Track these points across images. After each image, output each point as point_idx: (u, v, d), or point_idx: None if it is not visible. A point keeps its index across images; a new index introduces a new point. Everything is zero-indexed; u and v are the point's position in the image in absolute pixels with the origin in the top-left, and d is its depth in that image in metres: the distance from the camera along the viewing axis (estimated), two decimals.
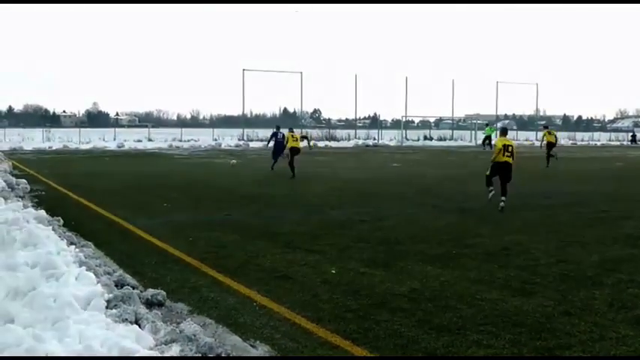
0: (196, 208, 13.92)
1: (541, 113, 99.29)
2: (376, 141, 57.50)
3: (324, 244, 9.67)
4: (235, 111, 77.87)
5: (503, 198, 13.86)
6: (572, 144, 59.50)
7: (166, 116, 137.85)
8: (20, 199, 13.14)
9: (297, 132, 27.75)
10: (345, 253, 9.05)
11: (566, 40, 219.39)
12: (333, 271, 7.96)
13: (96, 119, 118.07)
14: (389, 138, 60.89)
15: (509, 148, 14.44)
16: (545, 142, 29.55)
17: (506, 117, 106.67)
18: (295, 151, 22.85)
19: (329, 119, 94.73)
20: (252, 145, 49.12)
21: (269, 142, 28.00)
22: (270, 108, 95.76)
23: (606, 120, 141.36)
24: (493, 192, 14.30)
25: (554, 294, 6.97)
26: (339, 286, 7.28)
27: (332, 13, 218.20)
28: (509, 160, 14.35)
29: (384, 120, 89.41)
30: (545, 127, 33.15)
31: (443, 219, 12.48)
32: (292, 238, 10.18)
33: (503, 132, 15.88)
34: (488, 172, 14.66)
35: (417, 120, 77.92)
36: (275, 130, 26.92)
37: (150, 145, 48.87)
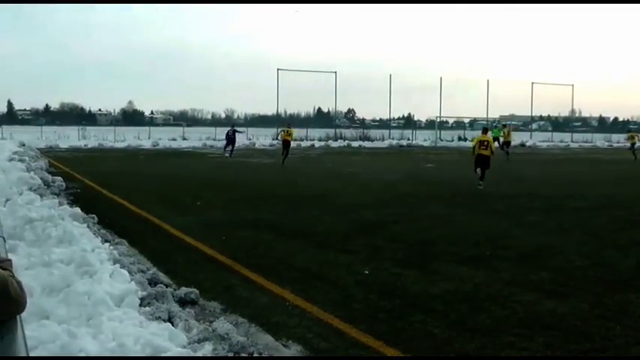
0: (229, 207, 13.96)
1: (577, 114, 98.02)
2: (410, 141, 57.30)
3: (357, 245, 9.65)
4: (270, 110, 77.96)
5: (480, 182, 18.23)
6: (608, 146, 58.71)
7: (201, 115, 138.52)
8: (56, 197, 13.29)
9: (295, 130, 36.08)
10: (378, 254, 9.02)
11: (603, 39, 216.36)
12: (366, 272, 7.94)
13: (131, 118, 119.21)
14: (423, 138, 60.62)
15: (485, 143, 18.91)
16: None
17: (541, 118, 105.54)
18: (286, 143, 29.51)
19: (363, 119, 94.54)
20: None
21: (226, 139, 35.35)
22: (305, 107, 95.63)
23: None
24: (480, 183, 18.21)
25: (589, 297, 6.88)
26: (372, 287, 7.26)
27: (366, 13, 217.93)
28: (486, 152, 18.72)
29: (418, 120, 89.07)
30: (504, 126, 39.20)
31: (476, 220, 12.38)
32: (325, 238, 10.18)
33: (484, 130, 20.43)
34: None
35: (451, 120, 77.44)
36: (229, 128, 35.72)
37: (184, 144, 49.25)
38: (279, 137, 35.08)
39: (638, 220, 12.63)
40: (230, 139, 34.47)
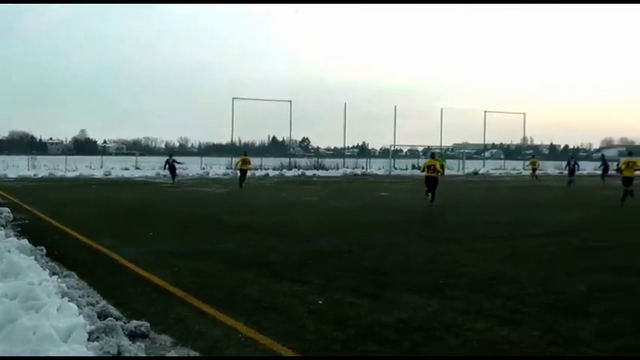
0: (182, 237, 13.82)
1: (528, 142, 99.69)
2: (364, 170, 57.60)
3: (311, 274, 9.60)
4: (224, 139, 77.72)
5: (431, 199, 21.74)
6: (558, 173, 59.68)
7: (154, 144, 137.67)
8: (2, 228, 13.00)
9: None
10: (332, 283, 8.98)
11: (554, 69, 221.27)
12: (320, 302, 7.88)
13: (83, 147, 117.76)
14: (377, 167, 61.01)
15: (432, 167, 22.60)
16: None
17: (494, 146, 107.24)
18: (243, 171, 33.15)
19: (317, 148, 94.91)
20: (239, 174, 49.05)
21: (164, 167, 38.58)
22: (259, 136, 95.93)
23: (592, 149, 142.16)
24: (431, 203, 21.40)
25: (542, 324, 6.93)
26: (325, 317, 7.21)
27: (320, 42, 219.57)
28: (433, 174, 22.43)
29: (373, 149, 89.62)
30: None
31: (430, 248, 12.44)
32: (279, 268, 10.11)
33: (432, 155, 24.46)
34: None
35: (405, 149, 78.26)
36: (168, 157, 38.21)
37: (137, 174, 48.69)
38: (236, 166, 36.43)
39: (588, 247, 12.82)
40: (171, 167, 36.87)
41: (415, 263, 10.72)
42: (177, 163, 38.51)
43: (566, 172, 42.40)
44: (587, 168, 60.34)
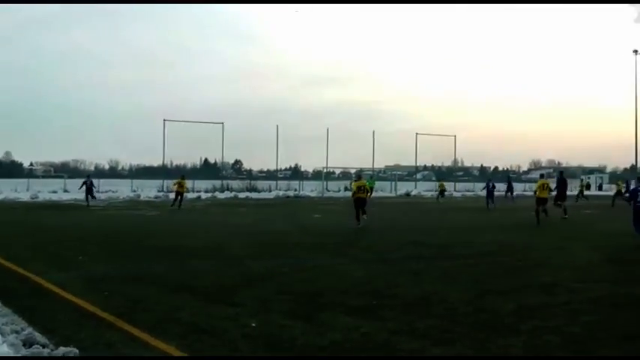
0: (113, 260, 13.55)
1: (459, 164, 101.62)
2: (297, 192, 57.66)
3: (244, 297, 9.53)
4: (156, 161, 76.73)
5: (360, 221, 22.19)
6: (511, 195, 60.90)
7: (83, 166, 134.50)
8: None
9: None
10: (265, 306, 8.93)
11: (485, 92, 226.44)
12: (254, 324, 7.82)
13: (8, 169, 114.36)
14: (310, 189, 61.15)
15: (362, 187, 23.60)
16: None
17: (425, 168, 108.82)
18: (178, 193, 35.53)
19: (250, 170, 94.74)
20: (173, 196, 48.47)
21: (80, 187, 39.82)
22: (191, 158, 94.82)
23: (521, 171, 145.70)
24: (361, 222, 22.00)
25: (474, 342, 7.02)
26: (259, 340, 7.16)
27: (251, 63, 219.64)
28: (362, 195, 23.24)
29: (306, 171, 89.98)
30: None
31: (363, 269, 12.50)
32: (212, 291, 10.01)
33: (358, 177, 26.81)
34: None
35: (337, 171, 78.68)
36: (85, 178, 39.96)
37: (65, 197, 47.57)
38: (173, 187, 38.23)
39: (518, 266, 13.09)
40: (89, 189, 38.49)
41: (348, 284, 10.75)
42: (93, 186, 39.92)
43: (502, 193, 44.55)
44: (517, 189, 61.68)
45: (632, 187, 27.32)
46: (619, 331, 7.58)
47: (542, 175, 30.16)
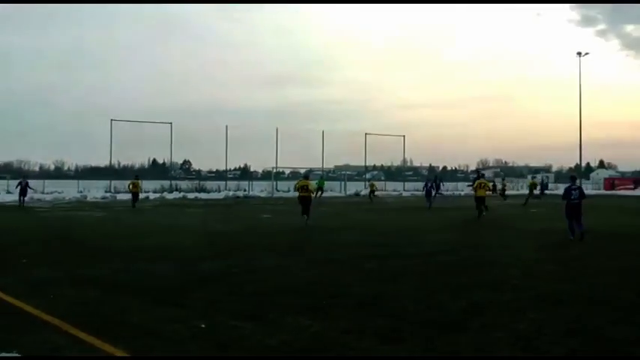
0: (58, 263, 13.27)
1: (408, 164, 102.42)
2: (247, 192, 57.41)
3: (193, 298, 9.44)
4: (102, 161, 75.48)
5: (307, 218, 22.76)
6: (438, 194, 61.53)
7: (27, 167, 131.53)
8: None
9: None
10: (214, 307, 8.85)
11: (432, 93, 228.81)
12: (203, 326, 7.75)
13: None
14: (259, 189, 60.95)
15: (305, 187, 23.99)
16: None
17: (374, 168, 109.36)
18: (135, 193, 37.86)
19: (199, 170, 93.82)
20: (120, 197, 47.87)
21: (16, 187, 39.84)
22: (139, 159, 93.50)
23: (469, 170, 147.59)
24: (309, 222, 22.48)
25: (423, 340, 7.08)
26: (208, 341, 7.09)
27: (200, 63, 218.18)
28: (306, 194, 23.74)
29: (255, 171, 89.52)
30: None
31: (313, 269, 12.50)
32: (161, 293, 9.89)
33: (305, 176, 26.65)
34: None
35: (287, 171, 78.57)
36: (21, 179, 39.73)
37: (8, 198, 46.36)
38: (129, 188, 39.08)
39: (466, 265, 13.23)
40: (23, 189, 38.24)
41: (298, 284, 10.73)
42: (30, 188, 39.89)
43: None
44: (465, 189, 62.54)
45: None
46: (563, 327, 7.71)
47: (479, 175, 32.26)
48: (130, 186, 38.97)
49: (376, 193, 50.62)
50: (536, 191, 49.55)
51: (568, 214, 18.50)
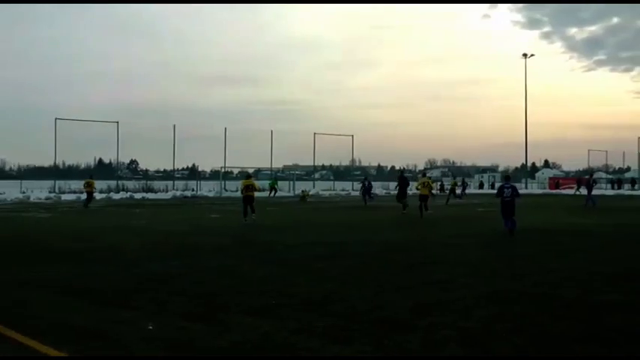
0: (2, 265, 12.97)
1: (357, 164, 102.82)
2: (195, 192, 56.95)
3: (141, 300, 9.32)
4: (47, 161, 74.06)
5: (254, 216, 24.07)
6: (385, 193, 61.89)
7: None
8: None
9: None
10: (163, 308, 8.76)
11: (380, 94, 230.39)
12: (151, 327, 7.65)
13: None
14: (208, 189, 60.54)
15: (250, 187, 24.94)
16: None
17: (323, 167, 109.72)
18: (89, 193, 38.13)
19: (146, 170, 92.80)
20: (65, 197, 47.04)
21: None
22: (85, 158, 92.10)
23: (417, 170, 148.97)
24: (248, 220, 23.49)
25: (372, 340, 7.10)
26: (156, 342, 7.01)
27: (145, 59, 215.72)
28: (251, 193, 24.71)
29: (203, 171, 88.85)
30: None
31: (262, 269, 12.44)
32: (106, 295, 9.73)
33: (248, 177, 26.60)
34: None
35: (235, 171, 78.11)
36: None
37: None
38: (84, 188, 39.69)
39: (414, 264, 13.32)
40: None
41: (248, 285, 10.67)
42: None
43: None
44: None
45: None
46: (510, 325, 7.82)
47: (423, 174, 35.42)
48: (85, 185, 39.16)
49: (308, 199, 49.17)
50: (458, 191, 51.74)
51: (502, 212, 19.70)
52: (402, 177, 32.82)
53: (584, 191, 45.37)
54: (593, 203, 37.44)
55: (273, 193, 54.05)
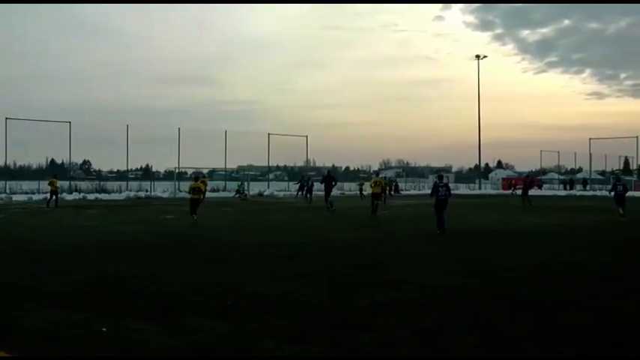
0: None
1: (311, 164, 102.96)
2: (149, 193, 56.40)
3: (94, 302, 9.21)
4: None
5: (195, 217, 24.14)
6: (340, 194, 62.07)
7: None
8: None
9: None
10: (117, 310, 8.66)
11: (333, 94, 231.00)
12: (104, 329, 7.57)
13: None
14: (162, 190, 59.98)
15: (196, 189, 25.57)
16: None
17: (277, 168, 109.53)
18: (53, 191, 38.05)
19: (99, 170, 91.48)
20: (16, 198, 46.21)
21: None
22: (37, 159, 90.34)
23: (372, 170, 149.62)
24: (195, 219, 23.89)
25: (327, 340, 7.13)
26: (110, 344, 6.93)
27: (97, 58, 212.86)
28: (196, 196, 25.30)
29: (157, 171, 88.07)
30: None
31: (217, 270, 12.39)
32: (59, 297, 9.58)
33: (196, 179, 27.77)
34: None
35: (190, 171, 77.49)
36: None
37: None
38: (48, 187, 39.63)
39: (367, 263, 13.40)
40: None
41: (204, 286, 10.61)
42: None
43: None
44: (367, 189, 63.26)
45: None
46: (465, 324, 7.92)
47: (377, 174, 37.68)
48: (50, 185, 39.10)
49: (243, 198, 49.85)
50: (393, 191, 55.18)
51: (437, 209, 20.52)
52: (327, 177, 34.69)
53: (518, 192, 47.89)
54: (529, 203, 39.94)
55: (237, 195, 53.78)
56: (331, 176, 35.05)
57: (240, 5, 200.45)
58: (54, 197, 38.13)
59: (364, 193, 48.35)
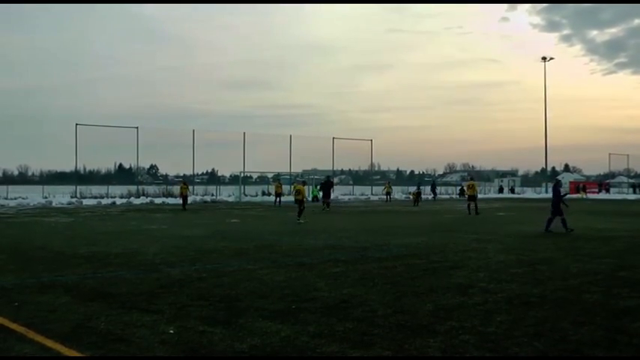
0: (24, 270, 13.07)
1: (376, 168, 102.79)
2: (214, 197, 57.18)
3: (161, 304, 9.37)
4: (68, 167, 74.56)
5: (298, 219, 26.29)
6: (405, 197, 61.81)
7: None
8: None
9: None
10: (183, 312, 8.81)
11: (400, 98, 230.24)
12: (172, 331, 7.70)
13: None
14: (227, 194, 60.70)
15: (297, 191, 29.07)
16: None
17: (342, 172, 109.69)
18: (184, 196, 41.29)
19: (166, 175, 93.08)
20: (86, 202, 47.40)
21: None
22: (105, 164, 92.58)
23: (437, 174, 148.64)
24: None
25: (392, 344, 7.10)
26: (177, 346, 7.05)
27: (164, 64, 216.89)
28: (298, 197, 28.25)
29: (223, 175, 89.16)
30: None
31: (282, 274, 12.47)
32: (128, 298, 9.80)
33: (304, 182, 31.58)
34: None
35: (255, 175, 78.31)
36: None
37: None
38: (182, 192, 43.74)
39: (433, 268, 13.30)
40: None
41: (267, 289, 10.70)
42: None
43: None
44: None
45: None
46: (531, 330, 7.79)
47: (471, 177, 43.08)
48: (180, 190, 44.57)
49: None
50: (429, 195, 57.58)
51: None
52: (326, 182, 41.36)
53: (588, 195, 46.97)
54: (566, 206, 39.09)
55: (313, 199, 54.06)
56: (330, 182, 40.27)
57: (302, 5, 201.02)
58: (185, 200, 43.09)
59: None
